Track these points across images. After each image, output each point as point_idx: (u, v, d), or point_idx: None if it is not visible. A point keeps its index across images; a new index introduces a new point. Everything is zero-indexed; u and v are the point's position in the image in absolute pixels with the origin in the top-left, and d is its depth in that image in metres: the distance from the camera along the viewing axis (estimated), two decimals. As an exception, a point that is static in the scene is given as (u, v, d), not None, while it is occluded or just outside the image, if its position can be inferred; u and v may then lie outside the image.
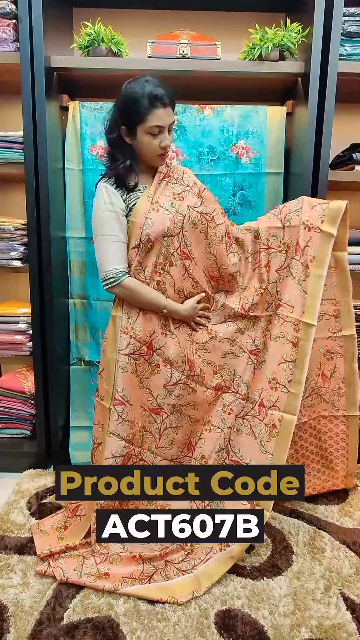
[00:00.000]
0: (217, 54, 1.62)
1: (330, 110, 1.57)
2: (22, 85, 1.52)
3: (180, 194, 1.33)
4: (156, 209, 1.28)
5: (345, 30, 1.57)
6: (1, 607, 1.13)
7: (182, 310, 1.34)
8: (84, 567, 1.21)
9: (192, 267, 1.34)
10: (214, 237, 1.35)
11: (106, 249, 1.27)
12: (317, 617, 1.12)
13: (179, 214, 1.29)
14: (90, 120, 1.70)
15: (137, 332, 1.31)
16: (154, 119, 1.19)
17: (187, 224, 1.30)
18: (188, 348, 1.36)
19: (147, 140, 1.23)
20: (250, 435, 1.30)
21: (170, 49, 1.62)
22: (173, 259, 1.31)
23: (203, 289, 1.38)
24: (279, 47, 1.59)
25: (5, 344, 1.75)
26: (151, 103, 1.18)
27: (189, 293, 1.37)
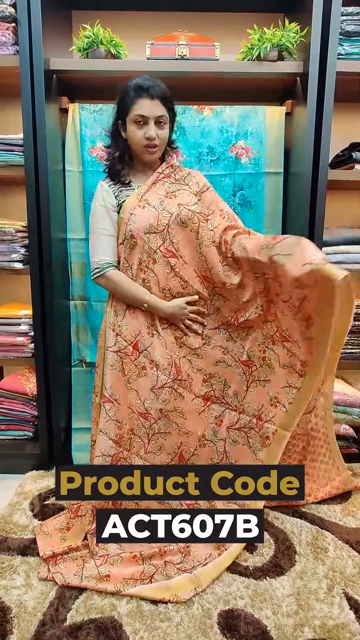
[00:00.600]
0: (216, 55, 1.63)
1: (329, 109, 1.57)
2: (22, 88, 1.52)
3: (174, 192, 1.33)
4: (142, 206, 1.30)
5: (344, 30, 1.57)
6: (4, 608, 1.13)
7: (166, 307, 1.31)
8: (84, 571, 1.21)
9: (180, 265, 1.32)
10: (204, 237, 1.31)
11: (96, 242, 1.33)
12: (320, 617, 1.11)
13: (166, 212, 1.29)
14: (89, 122, 1.71)
15: (124, 330, 1.32)
16: (137, 109, 1.23)
17: (174, 222, 1.29)
18: (175, 351, 1.34)
19: (132, 130, 1.26)
20: (245, 445, 1.32)
21: (169, 51, 1.62)
22: (156, 256, 1.31)
23: (195, 289, 1.34)
24: (277, 47, 1.59)
25: (6, 345, 1.75)
26: (136, 93, 1.23)
27: (178, 293, 1.34)
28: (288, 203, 1.80)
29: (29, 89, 1.53)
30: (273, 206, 1.82)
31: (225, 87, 1.74)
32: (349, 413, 1.80)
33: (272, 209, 1.83)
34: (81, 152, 1.73)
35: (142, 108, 1.23)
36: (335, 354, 1.36)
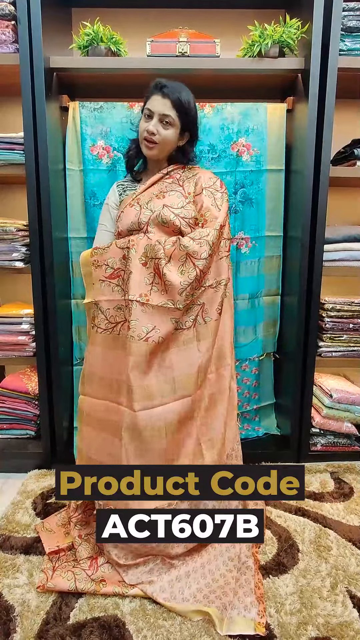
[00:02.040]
0: (217, 52, 1.62)
1: (330, 106, 1.56)
2: (22, 86, 1.52)
3: (164, 193, 1.32)
4: (131, 205, 1.33)
5: (345, 25, 1.56)
6: (8, 607, 1.13)
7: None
8: (77, 583, 1.18)
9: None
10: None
11: (96, 236, 1.45)
12: (323, 615, 1.11)
13: (148, 210, 1.29)
14: (90, 120, 1.70)
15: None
16: (148, 103, 1.29)
17: (154, 220, 1.28)
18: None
19: (140, 124, 1.31)
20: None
21: (170, 48, 1.61)
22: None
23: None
24: (278, 44, 1.58)
25: (8, 344, 1.75)
26: (153, 90, 1.29)
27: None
28: (289, 200, 1.80)
29: (29, 87, 1.52)
30: (274, 203, 1.82)
31: (226, 84, 1.73)
32: (352, 411, 1.80)
33: (274, 207, 1.82)
34: (82, 150, 1.72)
35: (152, 103, 1.28)
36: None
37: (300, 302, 1.71)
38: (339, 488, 1.65)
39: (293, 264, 1.76)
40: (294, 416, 1.80)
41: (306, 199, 1.62)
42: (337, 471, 1.76)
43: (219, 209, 1.32)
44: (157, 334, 1.19)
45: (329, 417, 1.80)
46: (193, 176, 1.36)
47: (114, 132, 1.71)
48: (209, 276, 1.29)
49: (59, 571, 1.22)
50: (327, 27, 1.52)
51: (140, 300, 1.19)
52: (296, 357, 1.75)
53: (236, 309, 1.87)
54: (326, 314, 1.77)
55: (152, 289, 1.21)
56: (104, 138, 1.72)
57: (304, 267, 1.68)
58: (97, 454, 1.27)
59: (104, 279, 1.28)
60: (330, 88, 1.55)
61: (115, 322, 1.25)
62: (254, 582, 1.18)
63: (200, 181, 1.34)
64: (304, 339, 1.74)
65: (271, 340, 1.97)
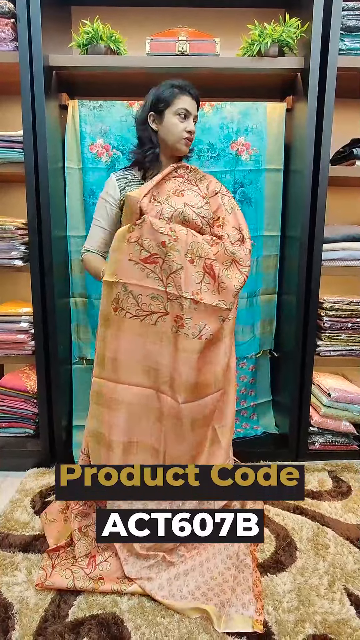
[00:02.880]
0: (216, 51, 1.62)
1: (330, 105, 1.56)
2: (21, 85, 1.52)
3: (182, 191, 1.32)
4: (149, 200, 1.29)
5: (345, 25, 1.56)
6: (6, 605, 1.13)
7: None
8: (76, 582, 1.19)
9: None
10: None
11: (90, 231, 1.42)
12: (321, 612, 1.12)
13: (169, 206, 1.28)
14: (89, 118, 1.70)
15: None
16: (182, 103, 1.28)
17: (176, 218, 1.28)
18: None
19: (174, 123, 1.29)
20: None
21: (169, 46, 1.61)
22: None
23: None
24: (278, 43, 1.58)
25: (7, 343, 1.75)
26: (180, 89, 1.29)
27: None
28: (288, 200, 1.80)
29: (28, 85, 1.52)
30: (273, 203, 1.82)
31: (226, 83, 1.74)
32: (350, 410, 1.80)
33: (272, 206, 1.82)
34: (81, 149, 1.72)
35: (186, 103, 1.28)
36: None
37: (299, 301, 1.71)
38: (337, 487, 1.65)
39: (292, 263, 1.77)
40: (292, 415, 1.80)
41: (305, 199, 1.63)
42: (335, 470, 1.77)
43: (236, 214, 1.35)
44: (208, 332, 1.22)
45: (328, 416, 1.81)
46: (201, 178, 1.36)
47: (113, 130, 1.71)
48: None
49: (58, 569, 1.23)
50: (326, 26, 1.52)
51: (194, 298, 1.21)
52: (295, 356, 1.76)
53: (235, 308, 1.88)
54: (325, 313, 1.78)
55: (201, 288, 1.23)
56: (104, 136, 1.72)
57: (302, 267, 1.68)
58: (124, 435, 1.26)
59: (137, 261, 1.23)
60: (330, 87, 1.55)
61: (150, 311, 1.23)
62: (251, 580, 1.19)
63: (211, 185, 1.36)
64: (303, 338, 1.75)
65: (268, 338, 1.98)
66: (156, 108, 1.29)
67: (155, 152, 1.31)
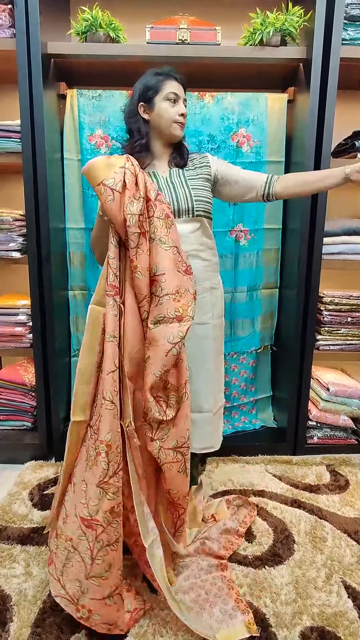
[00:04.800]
0: (217, 40, 1.59)
1: (332, 96, 1.54)
2: (19, 73, 1.49)
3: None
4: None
5: (349, 14, 1.53)
6: (4, 597, 1.13)
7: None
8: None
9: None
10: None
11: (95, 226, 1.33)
12: (318, 605, 1.12)
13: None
14: (88, 108, 1.67)
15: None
16: (170, 87, 1.26)
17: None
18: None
19: (165, 107, 1.26)
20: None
21: (170, 35, 1.58)
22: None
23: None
24: (280, 32, 1.55)
25: (5, 336, 1.74)
26: (166, 75, 1.27)
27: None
28: (289, 192, 1.78)
29: (26, 73, 1.49)
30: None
31: (227, 73, 1.71)
32: (348, 404, 1.80)
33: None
34: (80, 139, 1.70)
35: (174, 88, 1.26)
36: None
37: (298, 295, 1.70)
38: (334, 480, 1.66)
39: (292, 256, 1.76)
40: (291, 409, 1.80)
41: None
42: (333, 464, 1.77)
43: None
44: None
45: (326, 410, 1.81)
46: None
47: (112, 121, 1.68)
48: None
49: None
50: (329, 15, 1.50)
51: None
52: (294, 350, 1.75)
53: (235, 302, 1.87)
54: (324, 308, 1.77)
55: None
56: (103, 127, 1.69)
57: (303, 260, 1.67)
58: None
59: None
60: (332, 78, 1.53)
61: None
62: (226, 587, 1.15)
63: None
64: (302, 332, 1.74)
65: (268, 333, 1.97)
66: (145, 97, 1.27)
67: (142, 143, 1.29)
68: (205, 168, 1.33)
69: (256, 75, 1.74)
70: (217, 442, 1.41)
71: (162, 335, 1.07)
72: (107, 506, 1.03)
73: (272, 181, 1.30)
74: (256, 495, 1.56)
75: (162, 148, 1.32)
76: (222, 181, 1.34)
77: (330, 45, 1.51)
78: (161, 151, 1.32)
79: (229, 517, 1.40)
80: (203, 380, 1.33)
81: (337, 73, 1.53)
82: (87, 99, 1.67)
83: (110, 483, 1.03)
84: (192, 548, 1.28)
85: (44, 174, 1.56)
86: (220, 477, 1.66)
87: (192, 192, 1.27)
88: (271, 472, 1.71)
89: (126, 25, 1.63)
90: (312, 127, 1.57)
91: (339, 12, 1.49)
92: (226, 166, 1.34)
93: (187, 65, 1.62)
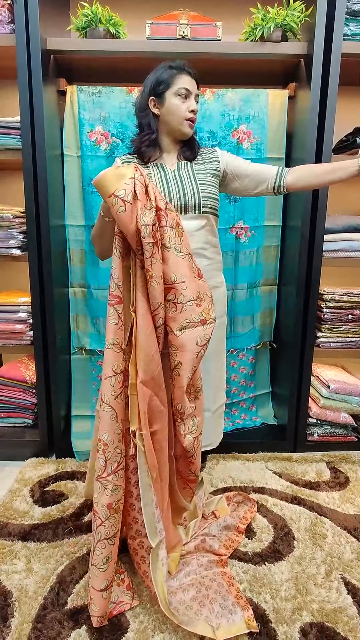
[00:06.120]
0: (218, 35, 1.58)
1: (333, 92, 1.53)
2: (18, 69, 1.48)
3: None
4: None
5: (350, 9, 1.52)
6: (5, 593, 1.14)
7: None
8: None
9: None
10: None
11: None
12: (318, 601, 1.13)
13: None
14: (88, 105, 1.67)
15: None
16: (182, 82, 1.24)
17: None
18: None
19: (176, 103, 1.25)
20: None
21: (170, 30, 1.57)
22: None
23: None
24: (281, 27, 1.54)
25: (5, 333, 1.74)
26: (178, 69, 1.25)
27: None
28: (290, 189, 1.78)
29: (25, 69, 1.49)
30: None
31: (227, 68, 1.70)
32: (349, 402, 1.80)
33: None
34: (79, 136, 1.69)
35: (186, 83, 1.25)
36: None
37: (299, 293, 1.70)
38: (334, 477, 1.66)
39: (292, 253, 1.75)
40: (291, 406, 1.80)
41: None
42: (333, 461, 1.78)
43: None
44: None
45: (326, 407, 1.81)
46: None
47: (112, 117, 1.68)
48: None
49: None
50: (331, 10, 1.49)
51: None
52: (294, 347, 1.75)
53: (234, 299, 1.86)
54: (325, 305, 1.77)
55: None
56: (103, 124, 1.68)
57: (303, 257, 1.67)
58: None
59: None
60: (334, 74, 1.52)
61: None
62: (225, 584, 1.15)
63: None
64: (303, 329, 1.74)
65: (268, 330, 1.97)
66: (156, 91, 1.26)
67: (151, 138, 1.27)
68: (214, 163, 1.32)
69: (257, 71, 1.73)
70: (217, 439, 1.41)
71: (190, 340, 1.09)
72: (105, 501, 1.06)
73: (282, 173, 1.29)
74: (256, 492, 1.56)
75: (172, 143, 1.31)
76: (231, 175, 1.32)
77: (331, 40, 1.50)
78: (170, 146, 1.31)
79: (229, 514, 1.40)
80: (204, 379, 1.33)
81: (338, 69, 1.52)
82: (87, 95, 1.66)
83: (108, 480, 1.06)
84: (193, 545, 1.28)
85: (44, 170, 1.56)
86: (221, 474, 1.67)
87: (200, 187, 1.26)
88: (271, 469, 1.71)
89: (126, 21, 1.62)
90: (313, 124, 1.56)
91: (341, 7, 1.48)
92: (236, 160, 1.33)
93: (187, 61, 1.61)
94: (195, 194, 1.24)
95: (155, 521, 1.09)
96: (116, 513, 1.07)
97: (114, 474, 1.07)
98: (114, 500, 1.06)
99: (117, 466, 1.07)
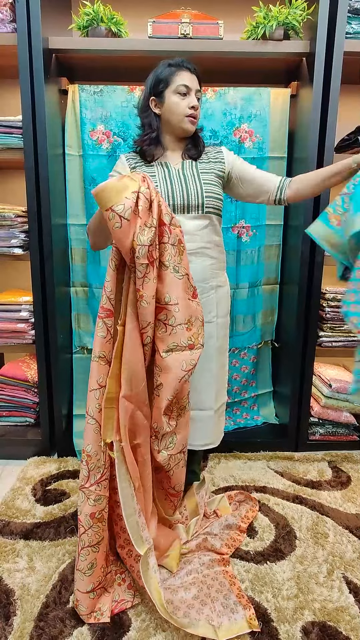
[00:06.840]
0: (220, 34, 1.58)
1: (335, 91, 1.53)
2: (20, 68, 1.48)
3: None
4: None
5: (352, 7, 1.52)
6: (8, 591, 1.14)
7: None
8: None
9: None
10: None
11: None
12: (320, 600, 1.13)
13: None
14: (90, 104, 1.67)
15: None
16: (181, 79, 1.23)
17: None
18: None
19: (175, 101, 1.24)
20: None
21: (172, 29, 1.57)
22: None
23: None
24: (283, 26, 1.54)
25: (7, 332, 1.74)
26: (177, 66, 1.24)
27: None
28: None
29: (27, 68, 1.49)
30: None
31: (229, 67, 1.70)
32: (350, 401, 1.80)
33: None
34: (81, 135, 1.69)
35: (185, 79, 1.23)
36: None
37: (301, 292, 1.70)
38: (336, 477, 1.66)
39: (294, 253, 1.75)
40: (293, 405, 1.80)
41: (309, 187, 1.60)
42: (335, 460, 1.77)
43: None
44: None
45: (328, 406, 1.81)
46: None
47: (114, 116, 1.68)
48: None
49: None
50: (333, 8, 1.48)
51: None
52: (296, 346, 1.75)
53: (236, 298, 1.86)
54: (327, 304, 1.76)
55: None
56: (104, 122, 1.68)
57: (305, 256, 1.67)
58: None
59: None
60: (336, 72, 1.52)
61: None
62: (227, 583, 1.15)
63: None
64: (304, 328, 1.74)
65: (269, 329, 1.97)
66: (156, 90, 1.25)
67: (152, 136, 1.27)
68: (219, 164, 1.31)
69: (259, 70, 1.72)
70: (218, 438, 1.41)
71: (175, 364, 1.09)
72: (88, 510, 1.08)
73: (284, 186, 1.30)
74: (258, 491, 1.56)
75: (175, 141, 1.30)
76: (236, 180, 1.32)
77: (333, 39, 1.49)
78: (174, 144, 1.30)
79: (231, 513, 1.40)
80: (206, 378, 1.33)
81: (340, 67, 1.51)
82: (88, 94, 1.66)
83: (91, 490, 1.08)
84: (194, 543, 1.28)
85: (46, 169, 1.56)
86: (222, 473, 1.67)
87: (204, 186, 1.25)
88: (273, 468, 1.71)
89: (128, 20, 1.61)
90: (315, 122, 1.56)
91: (343, 5, 1.48)
92: (242, 164, 1.33)
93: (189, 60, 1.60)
94: (198, 193, 1.24)
95: (139, 529, 1.08)
96: (100, 522, 1.09)
97: (97, 485, 1.08)
98: (97, 510, 1.08)
99: (100, 477, 1.08)
